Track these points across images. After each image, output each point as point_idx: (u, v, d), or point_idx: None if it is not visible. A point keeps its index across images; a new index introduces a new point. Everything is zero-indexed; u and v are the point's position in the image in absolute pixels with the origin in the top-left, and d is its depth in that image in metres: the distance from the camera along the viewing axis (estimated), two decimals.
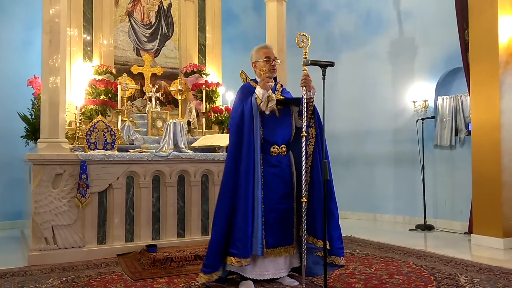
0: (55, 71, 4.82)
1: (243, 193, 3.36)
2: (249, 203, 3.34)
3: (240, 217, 3.35)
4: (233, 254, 3.34)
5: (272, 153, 3.54)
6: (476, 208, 5.52)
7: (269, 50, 3.70)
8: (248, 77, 3.79)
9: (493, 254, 4.90)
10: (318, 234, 3.45)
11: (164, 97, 6.97)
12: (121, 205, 4.95)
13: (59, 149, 4.72)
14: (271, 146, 3.54)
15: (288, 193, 3.57)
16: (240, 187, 3.38)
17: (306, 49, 3.49)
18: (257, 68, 3.70)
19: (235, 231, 3.36)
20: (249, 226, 3.33)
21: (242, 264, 3.33)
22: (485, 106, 5.45)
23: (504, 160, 5.26)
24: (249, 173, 3.36)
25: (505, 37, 5.35)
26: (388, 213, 7.68)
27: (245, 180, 3.36)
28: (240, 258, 3.32)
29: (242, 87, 3.74)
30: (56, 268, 4.28)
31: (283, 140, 3.60)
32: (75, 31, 6.38)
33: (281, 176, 3.54)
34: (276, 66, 3.68)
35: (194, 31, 7.36)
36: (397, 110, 7.66)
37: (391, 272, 4.08)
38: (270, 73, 3.65)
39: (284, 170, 3.58)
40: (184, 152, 5.32)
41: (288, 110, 3.66)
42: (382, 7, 7.90)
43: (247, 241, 3.32)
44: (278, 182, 3.52)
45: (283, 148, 3.59)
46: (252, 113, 3.46)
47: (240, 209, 3.36)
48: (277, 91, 3.71)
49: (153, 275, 3.99)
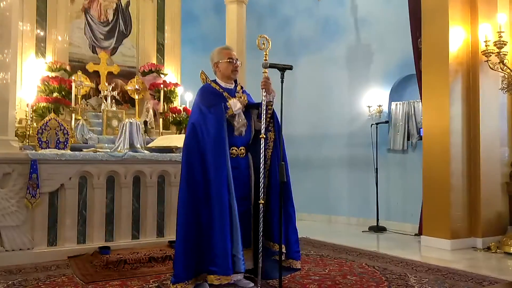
0: (5, 66, 4.63)
1: (217, 205, 3.22)
2: (225, 216, 3.20)
3: (217, 232, 3.19)
4: (213, 272, 3.18)
5: (231, 154, 3.51)
6: (425, 210, 5.72)
7: (231, 52, 3.69)
8: (208, 78, 3.75)
9: (441, 255, 5.08)
10: (275, 238, 3.41)
11: (120, 96, 6.84)
12: (73, 206, 4.80)
13: (8, 147, 4.54)
14: (230, 147, 3.51)
15: (246, 195, 3.54)
16: (213, 198, 3.23)
17: (267, 51, 3.50)
18: (219, 68, 3.67)
19: (213, 246, 3.20)
20: (227, 241, 3.19)
21: (222, 282, 3.18)
22: (435, 112, 5.65)
23: (452, 165, 5.47)
24: (222, 183, 3.24)
25: (455, 46, 5.58)
26: (342, 215, 7.84)
27: (218, 190, 3.23)
28: (221, 276, 3.16)
29: (202, 88, 3.68)
30: (2, 271, 4.09)
31: (241, 142, 3.58)
32: (27, 25, 6.17)
33: (239, 178, 3.50)
34: (238, 67, 3.68)
35: (152, 30, 7.27)
36: (352, 114, 7.84)
37: (344, 273, 4.16)
38: (233, 74, 3.64)
39: (243, 173, 3.55)
40: (140, 153, 5.22)
41: (248, 112, 3.65)
42: (340, 14, 8.07)
43: (227, 259, 3.17)
44: (237, 185, 3.45)
45: (242, 150, 3.57)
46: (221, 122, 3.35)
47: (216, 223, 3.20)
48: (237, 92, 3.70)
49: (105, 278, 3.89)
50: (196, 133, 3.38)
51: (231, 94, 3.62)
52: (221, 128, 3.34)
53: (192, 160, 3.36)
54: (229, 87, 3.67)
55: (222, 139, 3.32)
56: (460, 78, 5.61)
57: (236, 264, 3.22)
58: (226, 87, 3.65)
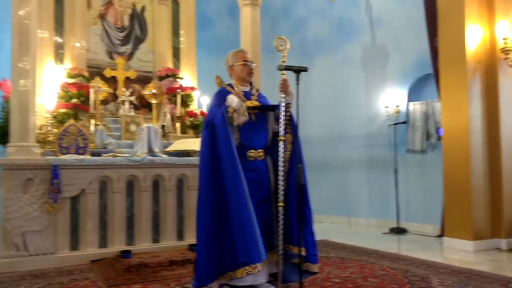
0: (25, 73, 4.71)
1: (235, 202, 3.23)
2: (243, 211, 3.21)
3: (237, 226, 3.20)
4: (245, 264, 3.15)
5: (249, 157, 3.50)
6: (447, 211, 5.65)
7: (246, 54, 3.68)
8: (223, 82, 3.75)
9: (463, 257, 5.02)
10: (293, 240, 3.40)
11: (138, 101, 6.88)
12: (94, 211, 4.86)
13: (29, 153, 4.62)
14: (248, 150, 3.50)
15: (266, 198, 3.53)
16: (229, 196, 3.25)
17: (285, 52, 3.49)
18: (235, 72, 3.68)
19: (237, 241, 3.20)
20: (249, 232, 3.19)
21: (259, 269, 3.16)
22: (454, 111, 5.59)
23: (473, 164, 5.40)
24: (237, 185, 3.25)
25: (473, 44, 5.51)
26: (362, 217, 7.78)
27: (234, 191, 3.24)
28: (256, 264, 3.15)
29: (217, 92, 3.68)
30: (27, 275, 4.16)
31: (259, 144, 3.56)
32: (46, 33, 6.24)
33: (258, 180, 3.50)
34: (253, 70, 3.67)
35: (168, 35, 7.31)
36: (369, 115, 7.79)
37: (365, 275, 4.13)
38: (249, 77, 3.64)
39: (262, 175, 3.54)
40: (158, 157, 5.26)
41: (264, 114, 3.64)
42: (355, 14, 8.03)
43: (253, 247, 3.17)
44: (256, 187, 3.46)
45: (260, 153, 3.56)
46: (225, 123, 3.36)
47: (236, 219, 3.21)
48: (253, 95, 3.69)
49: (127, 281, 3.93)
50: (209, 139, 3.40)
51: (247, 96, 3.61)
52: (227, 131, 3.34)
53: (208, 160, 3.38)
54: (244, 89, 3.66)
55: (230, 142, 3.33)
56: (478, 77, 5.54)
57: (263, 254, 3.20)
58: (241, 90, 3.64)
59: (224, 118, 3.37)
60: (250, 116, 3.52)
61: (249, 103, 3.54)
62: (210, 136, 3.39)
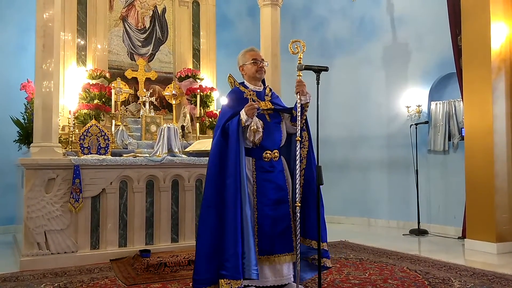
0: (49, 75, 4.79)
1: (231, 210, 3.21)
2: (237, 222, 3.19)
3: (230, 235, 3.18)
4: (223, 276, 3.15)
5: (265, 158, 3.49)
6: (469, 213, 5.54)
7: (256, 53, 3.65)
8: (236, 81, 3.73)
9: (486, 259, 4.91)
10: (310, 234, 3.44)
11: (158, 101, 6.97)
12: (114, 210, 4.92)
13: (52, 153, 4.70)
14: (264, 151, 3.50)
15: (282, 198, 3.50)
16: (228, 203, 3.24)
17: (300, 55, 3.47)
18: (245, 71, 3.66)
19: (224, 250, 3.19)
20: (238, 245, 3.17)
21: (232, 287, 3.12)
22: (478, 111, 5.48)
23: (497, 165, 5.28)
24: (237, 189, 3.24)
25: (498, 43, 5.39)
26: (382, 218, 7.69)
27: (234, 195, 3.23)
28: (230, 280, 3.12)
29: (230, 92, 3.67)
30: (48, 274, 4.24)
31: (274, 145, 3.54)
32: (69, 35, 6.37)
33: (274, 181, 3.49)
34: (264, 68, 3.64)
35: (188, 36, 7.37)
36: (390, 115, 7.70)
37: (385, 277, 4.08)
38: (258, 74, 3.62)
39: (277, 176, 3.53)
40: (178, 157, 5.30)
41: (278, 115, 3.61)
42: (376, 13, 7.95)
43: (237, 262, 3.14)
44: (271, 188, 3.46)
45: (275, 153, 3.54)
46: (237, 134, 3.33)
47: (230, 227, 3.20)
48: (267, 95, 3.67)
49: (146, 281, 3.97)
50: (219, 143, 3.39)
51: (260, 97, 3.61)
52: (237, 141, 3.32)
53: (216, 162, 3.37)
54: (257, 89, 3.65)
55: (239, 152, 3.30)
56: (503, 76, 5.42)
57: (246, 270, 3.17)
58: (254, 89, 3.63)
59: (238, 125, 3.35)
60: (265, 117, 3.52)
61: (264, 105, 3.54)
62: (221, 141, 3.38)
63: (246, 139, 3.41)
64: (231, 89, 3.69)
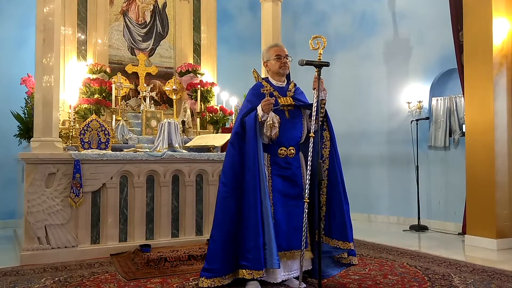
0: (49, 69, 4.78)
1: (252, 202, 3.26)
2: (258, 213, 3.24)
3: (251, 227, 3.24)
4: (244, 266, 3.23)
5: (280, 154, 3.50)
6: (469, 209, 5.54)
7: (280, 48, 3.66)
8: (259, 76, 3.77)
9: (486, 255, 4.91)
10: (342, 236, 3.46)
11: (158, 96, 6.95)
12: (115, 205, 4.92)
13: (52, 148, 4.69)
14: (278, 148, 3.50)
15: (298, 194, 3.51)
16: (248, 195, 3.29)
17: (321, 51, 3.46)
18: (269, 67, 3.67)
19: (245, 241, 3.25)
20: (260, 237, 3.22)
21: (254, 277, 3.22)
22: (479, 107, 5.47)
23: (497, 161, 5.28)
24: (256, 183, 3.27)
25: (499, 38, 5.37)
26: (382, 214, 7.69)
27: (253, 189, 3.27)
28: (252, 270, 3.20)
29: (253, 86, 3.70)
30: (48, 268, 4.25)
31: (290, 142, 3.54)
32: (69, 29, 6.35)
33: (289, 177, 3.52)
34: (288, 63, 3.64)
35: (189, 31, 7.34)
36: (391, 111, 7.68)
37: (385, 272, 4.09)
38: (282, 70, 3.62)
39: (294, 172, 3.54)
40: (178, 152, 5.30)
41: (299, 111, 3.61)
42: (377, 8, 7.92)
43: (259, 253, 3.20)
44: (286, 184, 3.49)
45: (291, 150, 3.54)
46: (255, 128, 3.37)
47: (251, 219, 3.24)
48: (289, 91, 3.67)
49: (146, 275, 3.97)
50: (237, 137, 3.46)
51: (282, 92, 3.61)
52: (255, 135, 3.36)
53: (234, 153, 3.42)
54: (280, 85, 3.66)
55: (257, 145, 3.35)
56: (504, 71, 5.41)
57: (268, 261, 3.22)
58: (277, 85, 3.65)
59: (255, 120, 3.38)
60: (284, 113, 3.52)
61: (284, 101, 3.54)
62: (240, 134, 3.44)
63: (263, 134, 3.43)
64: (254, 83, 3.73)
